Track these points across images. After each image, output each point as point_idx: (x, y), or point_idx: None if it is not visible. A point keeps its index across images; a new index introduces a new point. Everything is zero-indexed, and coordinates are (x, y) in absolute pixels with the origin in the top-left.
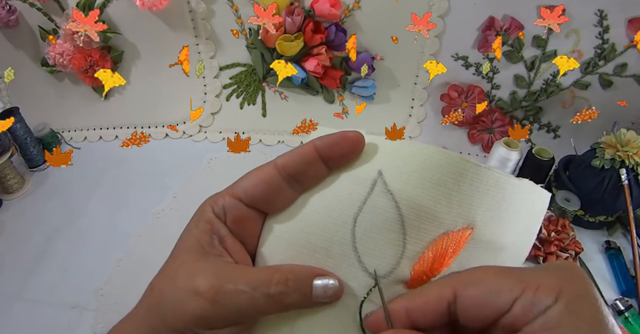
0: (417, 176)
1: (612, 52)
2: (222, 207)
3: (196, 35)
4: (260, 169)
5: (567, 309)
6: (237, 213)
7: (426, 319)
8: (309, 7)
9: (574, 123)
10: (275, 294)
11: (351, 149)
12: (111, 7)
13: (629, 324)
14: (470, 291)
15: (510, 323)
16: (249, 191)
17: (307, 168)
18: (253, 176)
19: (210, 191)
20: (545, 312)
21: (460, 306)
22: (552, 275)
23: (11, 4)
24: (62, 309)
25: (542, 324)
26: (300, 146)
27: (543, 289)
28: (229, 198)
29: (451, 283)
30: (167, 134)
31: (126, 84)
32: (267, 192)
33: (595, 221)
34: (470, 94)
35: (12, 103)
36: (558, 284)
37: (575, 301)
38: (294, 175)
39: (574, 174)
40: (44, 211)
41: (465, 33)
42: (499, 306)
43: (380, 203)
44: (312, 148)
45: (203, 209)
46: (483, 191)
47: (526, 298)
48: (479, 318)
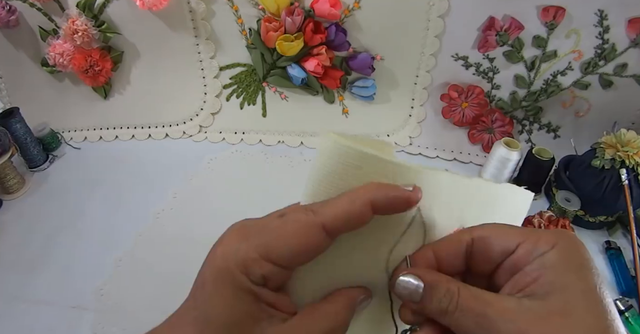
0: (437, 203)
1: (612, 52)
2: (263, 277)
3: (196, 35)
4: (302, 229)
5: (560, 254)
6: (281, 278)
7: (449, 260)
8: (309, 7)
9: (574, 123)
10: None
11: (410, 207)
12: (111, 7)
13: (629, 324)
14: (486, 234)
15: (513, 263)
16: (295, 259)
17: (359, 226)
18: (296, 241)
19: (210, 191)
20: (542, 255)
21: (475, 248)
22: (550, 233)
23: (11, 4)
24: (62, 309)
25: (540, 264)
26: (351, 200)
27: (543, 240)
28: (268, 266)
29: (469, 231)
30: (167, 134)
31: (126, 84)
32: (311, 256)
33: (595, 221)
34: (470, 94)
35: (12, 103)
36: (555, 238)
37: (567, 250)
38: (341, 233)
39: (574, 174)
40: (44, 211)
41: (465, 33)
42: (506, 247)
43: (414, 234)
44: (369, 208)
45: (232, 278)
46: (470, 197)
47: (529, 243)
48: (489, 258)
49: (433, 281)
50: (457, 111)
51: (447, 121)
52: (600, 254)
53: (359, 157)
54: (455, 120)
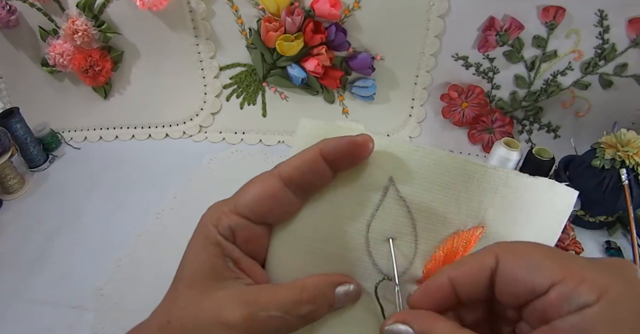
0: (426, 181)
1: (612, 52)
2: (229, 227)
3: (196, 35)
4: (263, 181)
5: (607, 313)
6: (247, 233)
7: (470, 289)
8: (309, 7)
9: (574, 123)
10: (306, 313)
11: (360, 155)
12: (111, 7)
13: None
14: (511, 261)
15: (542, 309)
16: (257, 208)
17: (313, 176)
18: (257, 190)
19: (211, 191)
20: (582, 310)
21: (499, 276)
22: (601, 271)
23: (11, 4)
24: (62, 309)
25: (575, 324)
26: (304, 152)
27: (587, 284)
28: (235, 218)
29: (494, 250)
30: (167, 134)
31: (126, 84)
32: (275, 207)
33: (595, 221)
34: (470, 94)
35: (12, 103)
36: (605, 283)
37: (619, 305)
38: (300, 184)
39: (574, 174)
40: (44, 211)
41: (465, 33)
42: (536, 285)
43: (393, 209)
44: (318, 155)
45: (206, 231)
46: (491, 191)
47: (566, 287)
48: (514, 294)
49: (424, 331)
50: (457, 111)
51: (447, 121)
52: (600, 254)
53: (323, 128)
54: (455, 120)
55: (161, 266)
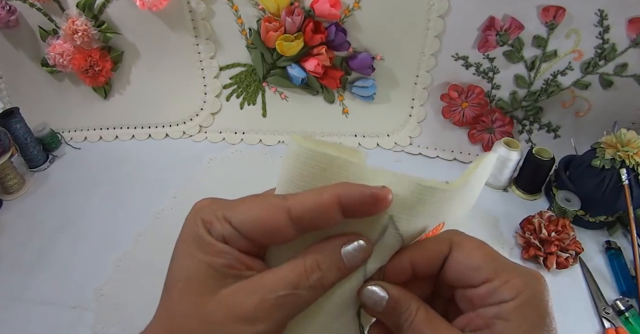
0: (416, 213)
1: (612, 52)
2: (222, 236)
3: (196, 35)
4: (269, 210)
5: (518, 309)
6: (241, 244)
7: (424, 269)
8: (309, 7)
9: (574, 123)
10: (315, 282)
11: (379, 208)
12: (111, 7)
13: (629, 324)
14: (459, 255)
15: (471, 297)
16: (254, 232)
17: (324, 221)
18: (259, 215)
19: (211, 192)
20: (501, 304)
21: (448, 264)
22: (520, 277)
23: (11, 4)
24: (62, 309)
25: (495, 313)
26: (319, 194)
27: (509, 285)
28: (229, 228)
29: (450, 239)
30: (167, 134)
31: (126, 84)
32: (273, 238)
33: (595, 221)
34: (470, 94)
35: (12, 103)
36: (521, 287)
37: (527, 304)
38: (308, 226)
39: (574, 174)
40: (44, 211)
41: (465, 33)
42: (473, 279)
43: (390, 242)
44: (336, 203)
45: (198, 231)
46: (448, 202)
47: (493, 285)
48: (455, 280)
49: (397, 296)
50: (457, 111)
51: (447, 121)
52: (600, 254)
53: (323, 159)
54: (455, 120)
55: (161, 266)
